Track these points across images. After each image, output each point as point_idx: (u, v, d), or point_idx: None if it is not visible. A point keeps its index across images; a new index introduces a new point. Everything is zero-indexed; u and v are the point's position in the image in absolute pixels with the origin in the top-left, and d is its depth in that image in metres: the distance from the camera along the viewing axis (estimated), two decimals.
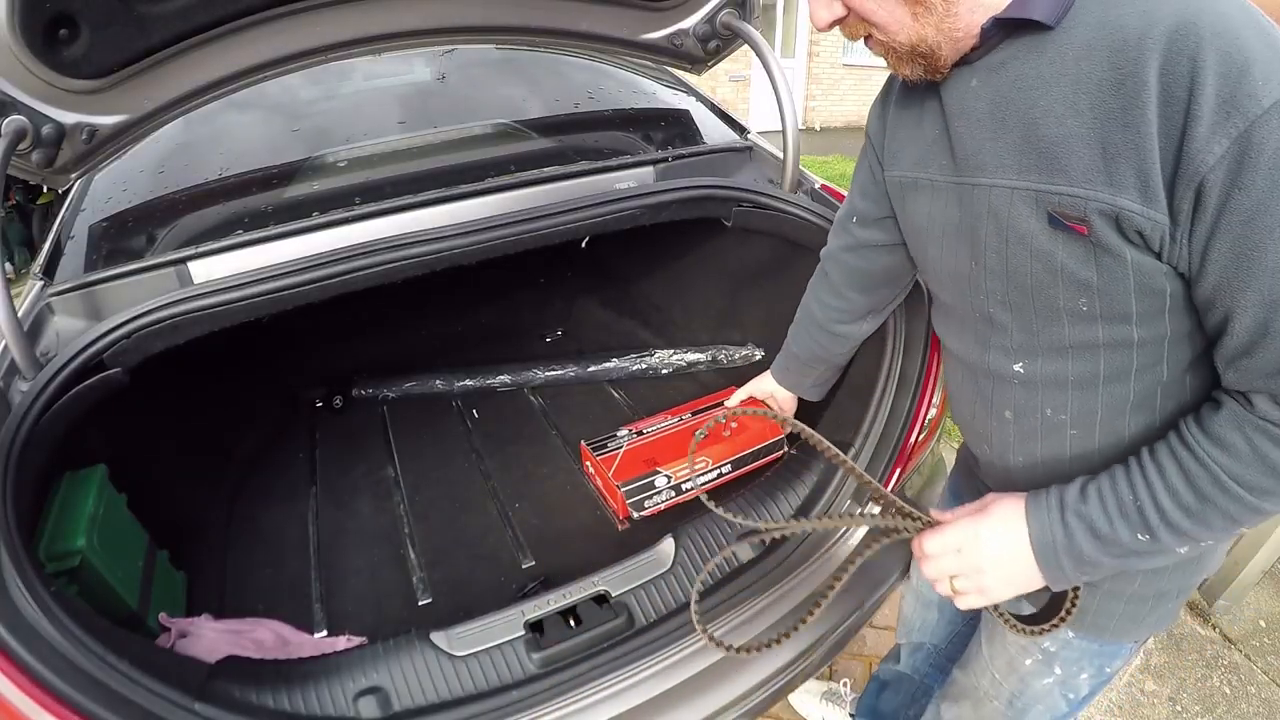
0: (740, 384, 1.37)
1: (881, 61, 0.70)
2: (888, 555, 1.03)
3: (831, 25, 0.68)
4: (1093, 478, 0.68)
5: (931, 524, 0.75)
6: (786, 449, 1.36)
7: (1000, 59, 0.64)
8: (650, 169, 1.60)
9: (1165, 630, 0.80)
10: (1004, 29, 0.63)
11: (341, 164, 1.63)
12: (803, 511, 1.25)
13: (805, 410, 1.31)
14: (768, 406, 1.27)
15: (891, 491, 0.77)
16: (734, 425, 1.46)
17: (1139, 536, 0.64)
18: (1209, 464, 0.60)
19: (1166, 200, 0.56)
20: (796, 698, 1.68)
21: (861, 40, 0.69)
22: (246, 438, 1.91)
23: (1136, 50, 0.55)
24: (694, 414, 1.64)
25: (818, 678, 1.70)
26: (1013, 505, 0.71)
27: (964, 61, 0.67)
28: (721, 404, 1.56)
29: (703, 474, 1.44)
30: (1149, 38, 0.54)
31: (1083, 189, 0.59)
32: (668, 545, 1.21)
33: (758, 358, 1.89)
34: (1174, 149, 0.54)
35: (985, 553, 0.70)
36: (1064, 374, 0.70)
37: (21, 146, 1.07)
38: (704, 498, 0.84)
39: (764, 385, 1.30)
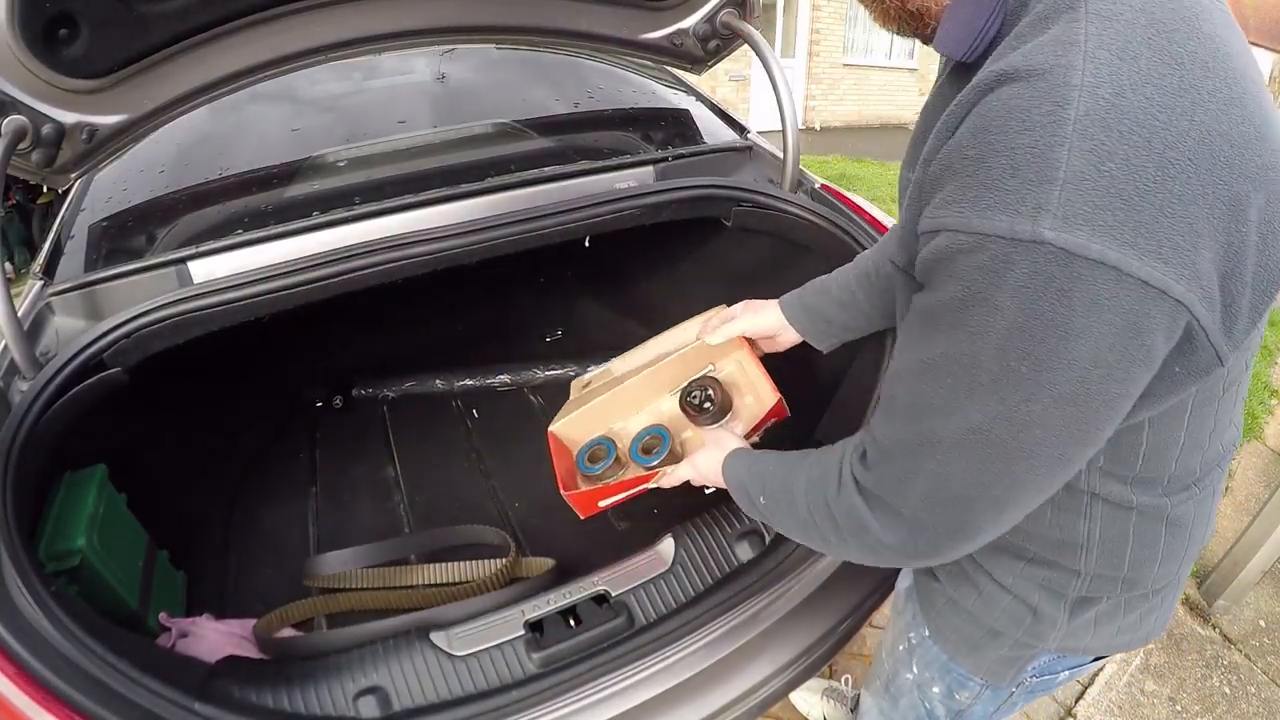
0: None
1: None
2: None
3: None
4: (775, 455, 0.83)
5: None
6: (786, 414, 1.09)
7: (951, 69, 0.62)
8: (650, 169, 1.60)
9: (1008, 681, 0.83)
10: None
11: (341, 163, 1.63)
12: None
13: (806, 410, 1.30)
14: (755, 345, 1.13)
15: None
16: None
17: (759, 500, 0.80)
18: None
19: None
20: (797, 695, 1.68)
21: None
22: (247, 437, 1.91)
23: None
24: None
25: (819, 675, 1.70)
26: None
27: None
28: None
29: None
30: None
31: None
32: (667, 545, 1.21)
33: None
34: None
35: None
36: None
37: (21, 146, 1.07)
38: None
39: (764, 320, 1.08)
